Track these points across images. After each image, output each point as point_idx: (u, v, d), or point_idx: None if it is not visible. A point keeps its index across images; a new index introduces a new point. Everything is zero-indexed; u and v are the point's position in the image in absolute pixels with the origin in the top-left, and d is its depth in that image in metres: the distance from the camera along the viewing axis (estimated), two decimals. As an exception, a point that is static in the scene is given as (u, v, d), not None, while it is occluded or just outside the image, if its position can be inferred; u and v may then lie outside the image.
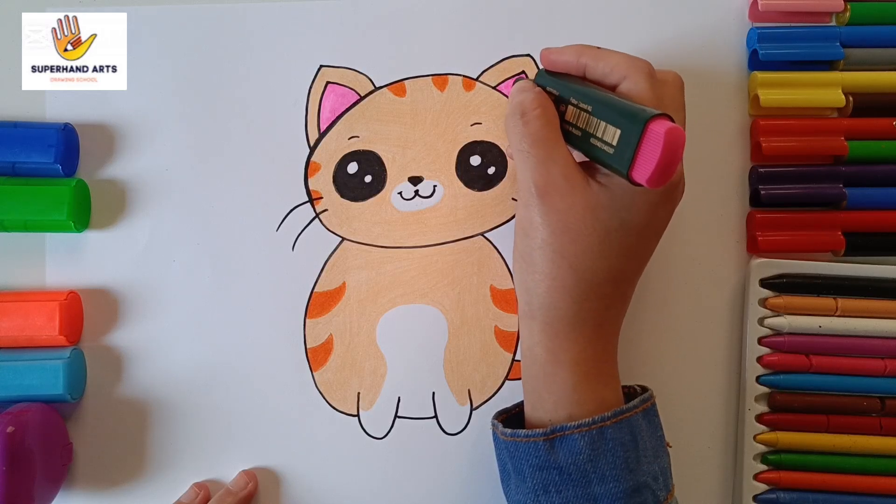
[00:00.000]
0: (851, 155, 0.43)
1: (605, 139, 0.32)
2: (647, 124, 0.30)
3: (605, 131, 0.33)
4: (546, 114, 0.36)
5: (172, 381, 0.44)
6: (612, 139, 0.32)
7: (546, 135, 0.35)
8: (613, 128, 0.32)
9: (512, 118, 0.36)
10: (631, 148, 0.31)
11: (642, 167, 0.30)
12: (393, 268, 0.45)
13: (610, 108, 0.33)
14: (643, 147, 0.30)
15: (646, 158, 0.30)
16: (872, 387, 0.43)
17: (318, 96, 0.45)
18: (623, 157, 0.31)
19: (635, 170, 0.31)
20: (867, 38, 0.44)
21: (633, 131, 0.30)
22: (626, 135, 0.31)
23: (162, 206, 0.45)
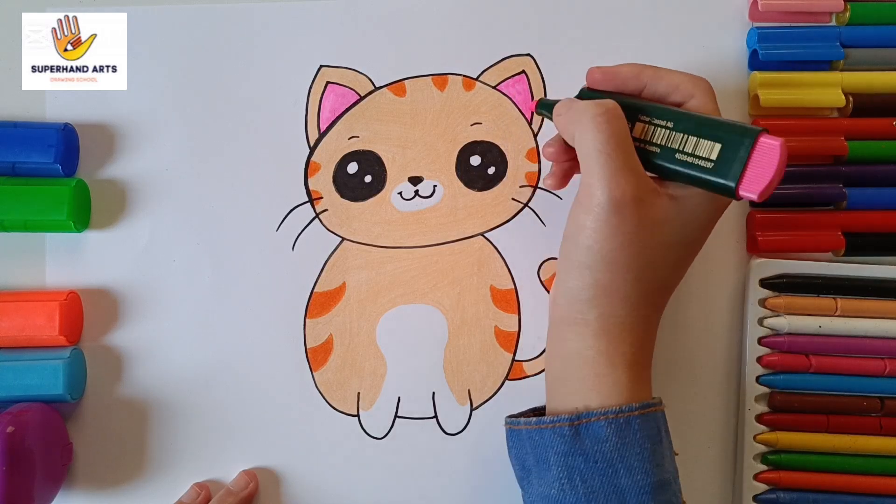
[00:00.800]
0: (851, 155, 0.43)
1: (699, 154, 0.32)
2: (759, 137, 0.31)
3: (697, 146, 0.32)
4: (624, 118, 0.34)
5: (172, 381, 0.44)
6: (711, 153, 0.32)
7: (626, 140, 0.34)
8: (711, 142, 0.32)
9: (589, 117, 0.34)
10: (740, 162, 0.31)
11: (754, 181, 0.31)
12: (393, 268, 0.45)
13: (699, 123, 0.33)
14: (754, 161, 0.31)
15: (758, 172, 0.30)
16: (872, 387, 0.43)
17: (318, 96, 0.45)
18: (729, 172, 0.31)
19: (745, 184, 0.31)
20: (867, 38, 0.44)
21: (743, 145, 0.31)
22: (731, 149, 0.31)
23: (162, 206, 0.45)
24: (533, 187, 0.45)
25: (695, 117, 0.33)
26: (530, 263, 0.45)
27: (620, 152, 0.33)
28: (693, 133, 0.33)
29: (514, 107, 0.45)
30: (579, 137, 0.34)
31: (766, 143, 0.31)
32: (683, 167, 0.33)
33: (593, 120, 0.33)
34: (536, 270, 0.45)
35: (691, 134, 0.33)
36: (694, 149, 0.33)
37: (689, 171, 0.33)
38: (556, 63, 0.45)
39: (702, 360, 0.44)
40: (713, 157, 0.32)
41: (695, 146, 0.33)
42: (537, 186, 0.45)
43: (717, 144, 0.32)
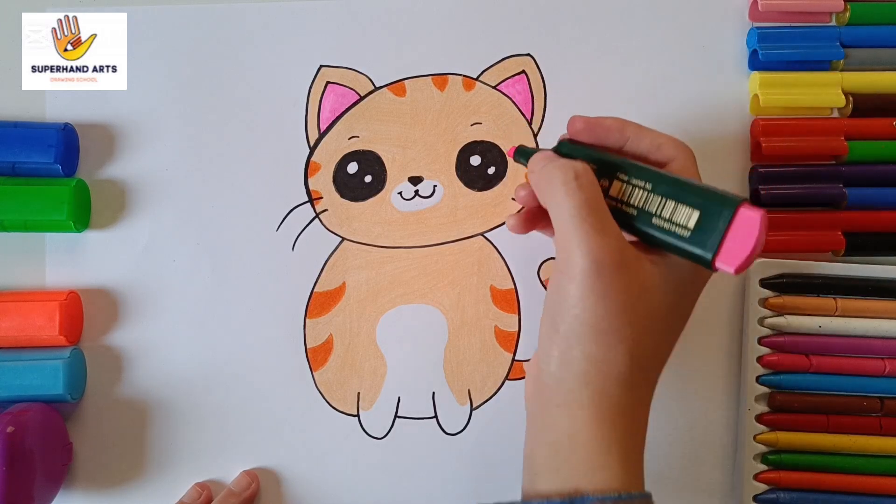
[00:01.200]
0: (851, 155, 0.43)
1: (675, 220, 0.31)
2: (739, 208, 0.29)
3: (674, 212, 0.31)
4: (597, 181, 0.33)
5: (172, 381, 0.44)
6: (688, 221, 0.30)
7: (600, 203, 0.32)
8: (689, 209, 0.30)
9: (560, 182, 0.32)
10: (718, 233, 0.29)
11: (732, 254, 0.29)
12: (393, 268, 0.45)
13: (679, 187, 0.31)
14: (733, 232, 0.29)
15: (737, 244, 0.29)
16: (872, 387, 0.43)
17: (318, 96, 0.45)
18: (706, 242, 0.30)
19: (722, 255, 0.29)
20: (867, 38, 0.44)
21: (722, 215, 0.29)
22: (709, 218, 0.30)
23: (162, 206, 0.45)
24: (533, 187, 0.45)
25: (675, 180, 0.32)
26: (530, 263, 0.45)
27: (595, 217, 0.31)
28: (671, 197, 0.31)
29: (514, 107, 0.45)
30: (551, 201, 0.33)
31: (747, 214, 0.29)
32: (660, 232, 0.32)
33: (564, 185, 0.32)
34: (536, 270, 0.45)
35: (670, 198, 0.31)
36: (671, 214, 0.31)
37: (665, 237, 0.31)
38: (556, 63, 0.45)
39: (702, 359, 0.44)
40: (690, 226, 0.30)
41: (672, 211, 0.31)
42: (537, 186, 0.45)
43: (695, 212, 0.30)
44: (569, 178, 0.32)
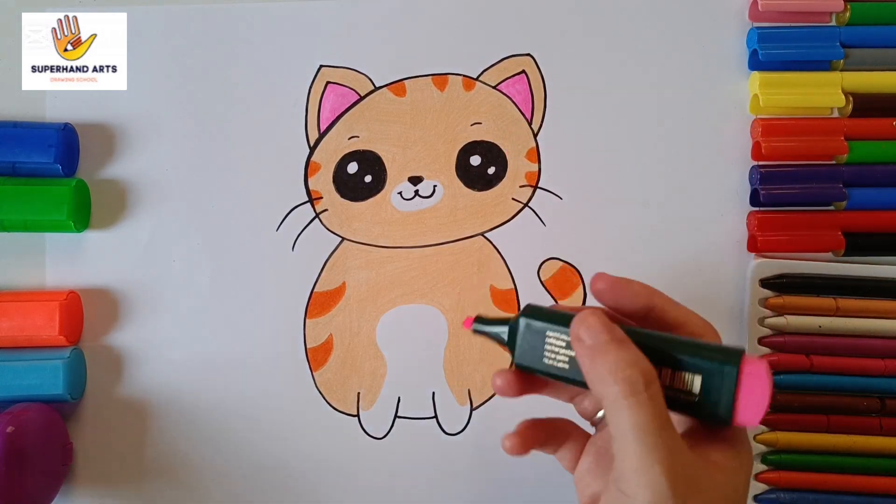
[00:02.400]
0: (851, 155, 0.43)
1: (677, 387, 0.29)
2: (742, 366, 0.28)
3: (672, 378, 0.29)
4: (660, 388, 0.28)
5: (172, 381, 0.44)
6: (692, 386, 0.28)
7: (667, 414, 0.28)
8: (691, 374, 0.28)
9: (628, 388, 0.27)
10: (728, 394, 0.28)
11: (750, 409, 0.28)
12: (393, 268, 0.45)
13: (674, 350, 0.29)
14: (744, 389, 0.28)
15: (751, 400, 0.28)
16: (872, 387, 0.43)
17: (318, 96, 0.45)
18: (720, 404, 0.28)
19: (741, 414, 0.28)
20: (867, 38, 0.44)
21: (728, 375, 0.28)
22: (714, 380, 0.28)
23: (162, 206, 0.45)
24: (533, 187, 0.45)
25: (674, 341, 0.29)
26: (530, 263, 0.45)
27: (667, 433, 0.27)
28: (672, 365, 0.29)
29: (514, 107, 0.45)
30: (611, 405, 0.28)
31: (752, 370, 0.28)
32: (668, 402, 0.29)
33: (634, 395, 0.27)
34: (536, 270, 0.45)
35: (665, 366, 0.29)
36: (670, 381, 0.29)
37: (674, 406, 0.29)
38: (556, 63, 0.45)
39: (702, 360, 0.44)
40: (695, 391, 0.28)
41: (671, 378, 0.29)
42: (537, 186, 0.45)
43: (696, 377, 0.28)
44: (638, 387, 0.27)
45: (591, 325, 0.29)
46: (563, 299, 0.44)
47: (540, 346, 0.30)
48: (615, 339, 0.29)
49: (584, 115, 0.45)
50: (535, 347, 0.31)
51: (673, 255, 0.44)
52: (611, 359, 0.28)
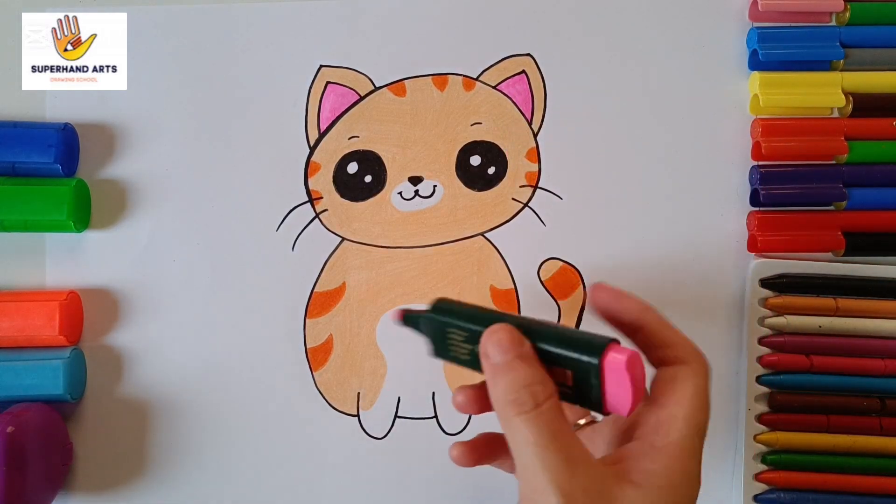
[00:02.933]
0: (851, 155, 0.43)
1: (556, 380, 0.29)
2: (605, 357, 0.28)
3: (552, 372, 0.29)
4: (556, 396, 0.28)
5: (172, 381, 0.44)
6: (567, 379, 0.29)
7: (564, 424, 0.28)
8: (562, 369, 0.29)
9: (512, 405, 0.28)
10: (596, 386, 0.28)
11: (618, 400, 0.28)
12: (393, 268, 0.45)
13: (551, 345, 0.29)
14: (609, 381, 0.28)
15: (618, 391, 0.28)
16: (872, 387, 0.43)
17: (318, 96, 0.45)
18: (591, 396, 0.28)
19: (609, 404, 0.28)
20: (867, 38, 0.44)
21: (593, 368, 0.28)
22: (582, 373, 0.28)
23: (162, 206, 0.45)
24: (533, 187, 0.45)
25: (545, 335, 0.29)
26: (530, 263, 0.45)
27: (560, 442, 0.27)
28: (546, 359, 0.29)
29: (514, 107, 0.45)
30: (504, 426, 0.28)
31: (612, 364, 0.28)
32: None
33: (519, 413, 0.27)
34: (536, 270, 0.45)
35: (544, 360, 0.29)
36: (551, 372, 0.29)
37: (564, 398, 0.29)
38: (556, 63, 0.45)
39: (702, 360, 0.44)
40: (569, 384, 0.29)
41: (549, 371, 0.29)
42: (537, 186, 0.45)
43: (567, 371, 0.29)
44: (526, 406, 0.27)
45: (499, 340, 0.29)
46: (563, 299, 0.44)
47: (444, 338, 0.32)
48: (519, 357, 0.29)
49: (584, 115, 0.45)
50: (441, 339, 0.32)
51: (673, 255, 0.44)
52: (507, 379, 0.28)
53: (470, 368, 0.32)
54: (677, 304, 0.44)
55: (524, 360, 0.29)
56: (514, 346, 0.29)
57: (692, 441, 0.29)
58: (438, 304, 0.33)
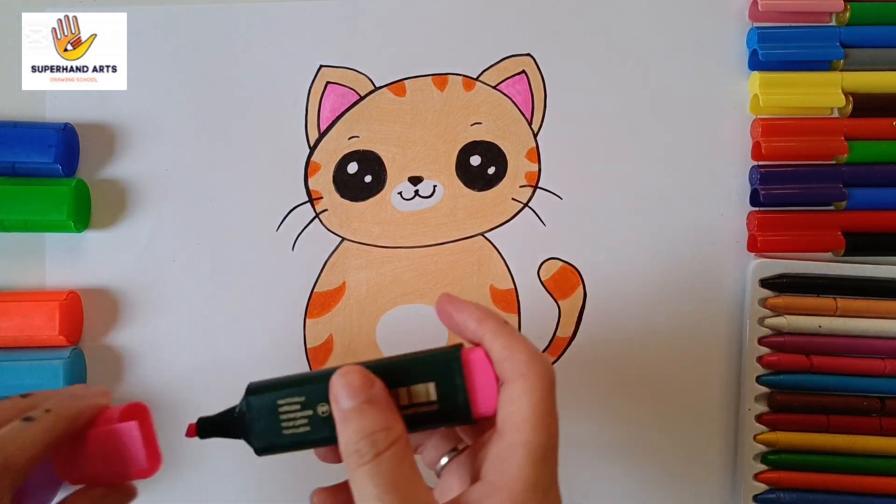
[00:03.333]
0: (851, 155, 0.43)
1: (419, 401, 0.28)
2: (462, 356, 0.28)
3: (412, 394, 0.28)
4: (402, 440, 0.27)
5: (172, 381, 0.44)
6: (429, 395, 0.28)
7: (406, 472, 0.27)
8: (424, 385, 0.28)
9: (355, 456, 0.27)
10: (461, 386, 0.28)
11: (484, 399, 0.28)
12: (393, 268, 0.45)
13: (404, 368, 0.29)
14: (472, 380, 0.28)
15: (482, 387, 0.28)
16: (872, 387, 0.43)
17: (318, 96, 0.45)
18: (457, 400, 0.28)
19: (479, 406, 0.28)
20: (867, 38, 0.44)
21: (455, 368, 0.28)
22: (444, 379, 0.28)
23: (162, 206, 0.45)
24: (533, 187, 0.45)
25: (397, 363, 0.29)
26: (530, 263, 0.45)
27: (400, 491, 0.26)
28: (405, 383, 0.28)
29: (514, 107, 0.45)
30: (350, 478, 0.27)
31: (473, 356, 0.28)
32: (414, 422, 0.28)
33: (350, 455, 0.27)
34: (536, 270, 0.45)
35: (403, 385, 0.28)
36: (410, 399, 0.28)
37: (421, 422, 0.29)
38: (556, 63, 0.45)
39: (702, 359, 0.44)
40: (433, 398, 0.28)
41: (409, 395, 0.28)
42: (537, 186, 0.45)
43: (430, 384, 0.28)
44: (366, 457, 0.26)
45: (348, 382, 0.28)
46: (563, 299, 0.44)
47: (275, 418, 0.29)
48: (367, 401, 0.27)
49: (584, 115, 0.45)
50: (270, 423, 0.29)
51: (673, 255, 0.44)
52: (351, 429, 0.27)
53: (309, 445, 0.29)
54: (677, 304, 0.44)
55: (372, 403, 0.27)
56: (364, 388, 0.28)
57: (535, 472, 0.26)
58: (252, 386, 0.30)
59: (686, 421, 0.44)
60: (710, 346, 0.44)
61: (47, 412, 0.30)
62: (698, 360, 0.44)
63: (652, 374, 0.44)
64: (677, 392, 0.44)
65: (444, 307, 0.31)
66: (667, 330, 0.44)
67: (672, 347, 0.44)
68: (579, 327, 0.44)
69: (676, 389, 0.44)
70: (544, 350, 0.44)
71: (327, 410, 0.28)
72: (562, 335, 0.44)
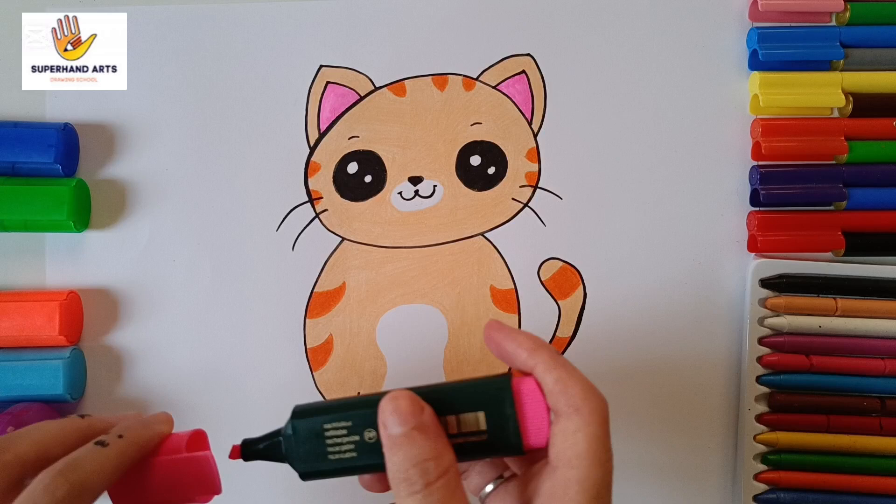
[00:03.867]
0: (851, 155, 0.43)
1: (467, 430, 0.28)
2: (513, 386, 0.28)
3: (460, 424, 0.28)
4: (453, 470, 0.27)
5: (172, 381, 0.44)
6: (479, 425, 0.28)
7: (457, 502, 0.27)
8: (473, 413, 0.28)
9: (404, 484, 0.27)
10: (513, 416, 0.27)
11: (536, 429, 0.28)
12: (393, 268, 0.45)
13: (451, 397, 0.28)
14: (523, 410, 0.27)
15: (534, 417, 0.27)
16: (872, 387, 0.43)
17: (318, 96, 0.45)
18: (508, 431, 0.28)
19: (531, 437, 0.28)
20: (867, 38, 0.44)
21: (506, 398, 0.27)
22: (495, 409, 0.28)
23: (162, 206, 0.45)
24: (533, 187, 0.45)
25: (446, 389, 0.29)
26: (530, 263, 0.45)
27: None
28: (454, 410, 0.28)
29: (514, 107, 0.45)
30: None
31: (525, 387, 0.27)
32: (462, 451, 0.28)
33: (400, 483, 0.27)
34: (536, 270, 0.45)
35: (451, 412, 0.28)
36: (459, 427, 0.28)
37: (472, 452, 0.28)
38: (556, 63, 0.45)
39: (701, 359, 0.44)
40: (482, 427, 0.28)
41: (458, 423, 0.28)
42: (537, 186, 0.45)
43: (479, 413, 0.28)
44: (416, 486, 0.26)
45: (397, 408, 0.27)
46: (563, 299, 0.44)
47: (321, 443, 0.29)
48: (417, 427, 0.27)
49: (584, 115, 0.45)
50: (315, 447, 0.29)
51: (673, 255, 0.44)
52: (400, 455, 0.27)
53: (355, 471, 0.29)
54: (677, 304, 0.44)
55: (422, 430, 0.27)
56: (414, 415, 0.27)
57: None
58: (298, 409, 0.30)
59: (686, 421, 0.44)
60: (710, 346, 0.44)
61: (120, 437, 0.30)
62: (698, 360, 0.44)
63: (652, 373, 0.44)
64: (677, 392, 0.44)
65: (491, 335, 0.30)
66: (666, 330, 0.44)
67: (672, 347, 0.44)
68: (579, 327, 0.44)
69: (676, 389, 0.44)
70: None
71: (374, 436, 0.28)
72: (562, 335, 0.44)
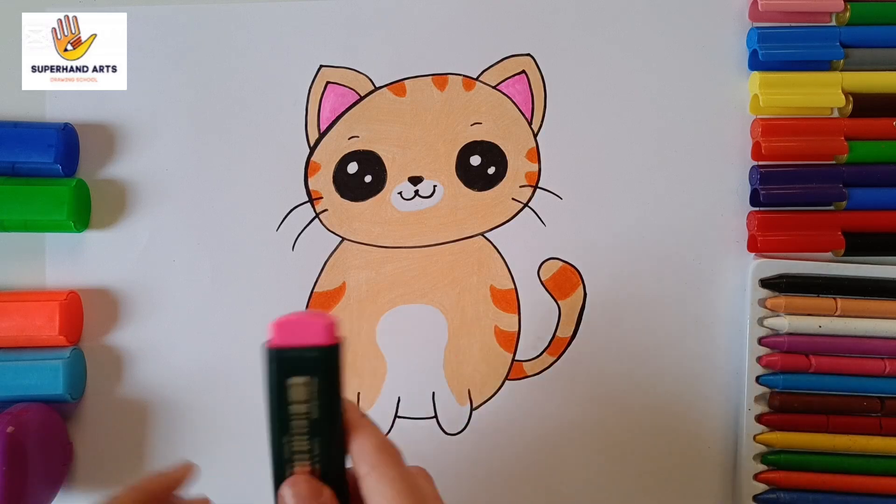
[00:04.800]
0: (851, 155, 0.43)
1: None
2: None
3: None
4: None
5: (172, 381, 0.44)
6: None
7: None
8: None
9: None
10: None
11: None
12: (393, 268, 0.45)
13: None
14: None
15: None
16: (872, 387, 0.43)
17: (318, 96, 0.45)
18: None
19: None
20: (867, 38, 0.44)
21: None
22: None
23: (162, 206, 0.45)
24: (533, 187, 0.45)
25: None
26: (530, 263, 0.45)
27: None
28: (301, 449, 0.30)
29: (514, 107, 0.45)
30: None
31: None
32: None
33: None
34: (536, 270, 0.45)
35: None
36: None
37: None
38: (556, 63, 0.45)
39: (702, 359, 0.44)
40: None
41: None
42: (537, 186, 0.45)
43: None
44: None
45: (298, 493, 0.28)
46: (563, 299, 0.44)
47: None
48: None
49: (584, 115, 0.45)
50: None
51: (673, 256, 0.44)
52: None
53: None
54: (677, 304, 0.44)
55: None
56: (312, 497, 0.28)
57: None
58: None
59: (686, 421, 0.44)
60: (710, 346, 0.44)
61: None
62: (698, 360, 0.44)
63: (651, 373, 0.44)
64: (677, 392, 0.44)
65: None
66: (666, 330, 0.44)
67: (672, 347, 0.44)
68: (579, 327, 0.44)
69: (676, 389, 0.44)
70: (544, 350, 0.44)
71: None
72: (562, 335, 0.44)
